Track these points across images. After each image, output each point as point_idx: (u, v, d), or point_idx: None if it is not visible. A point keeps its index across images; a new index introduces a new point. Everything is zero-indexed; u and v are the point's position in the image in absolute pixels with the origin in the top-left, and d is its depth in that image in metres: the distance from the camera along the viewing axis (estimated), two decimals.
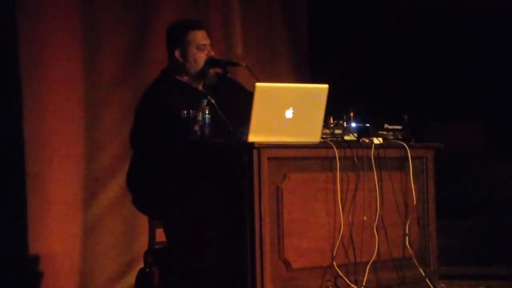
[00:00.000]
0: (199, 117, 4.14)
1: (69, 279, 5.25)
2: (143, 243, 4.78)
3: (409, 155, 4.47)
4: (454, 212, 6.52)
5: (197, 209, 4.19)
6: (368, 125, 4.46)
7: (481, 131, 7.41)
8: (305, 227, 4.15)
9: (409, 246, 4.46)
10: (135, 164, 4.51)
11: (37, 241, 5.13)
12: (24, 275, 5.11)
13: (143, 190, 4.43)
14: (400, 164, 4.49)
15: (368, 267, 4.30)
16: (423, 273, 4.46)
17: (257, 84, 4.01)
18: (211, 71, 4.52)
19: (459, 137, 7.28)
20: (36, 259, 5.13)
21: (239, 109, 4.29)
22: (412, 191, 4.48)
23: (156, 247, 4.48)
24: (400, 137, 4.52)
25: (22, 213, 5.10)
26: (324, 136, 4.24)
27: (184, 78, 4.55)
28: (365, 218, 4.33)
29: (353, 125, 4.44)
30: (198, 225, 4.18)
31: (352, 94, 5.65)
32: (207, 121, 4.16)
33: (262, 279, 3.99)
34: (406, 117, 4.58)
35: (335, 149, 4.21)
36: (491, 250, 6.44)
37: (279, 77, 6.24)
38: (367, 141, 4.39)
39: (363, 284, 4.27)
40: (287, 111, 4.07)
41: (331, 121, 4.37)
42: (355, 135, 4.40)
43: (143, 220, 4.64)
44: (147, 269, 4.38)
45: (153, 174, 4.35)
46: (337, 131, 4.34)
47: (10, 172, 5.09)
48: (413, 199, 4.49)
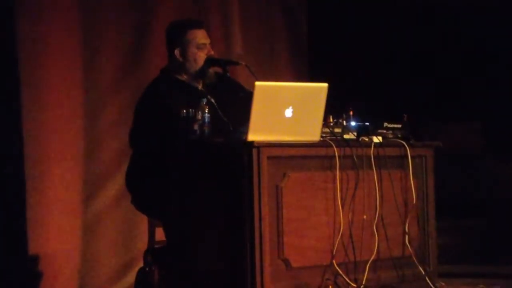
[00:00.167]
0: (199, 116, 4.14)
1: (69, 278, 5.24)
2: (142, 243, 4.78)
3: (409, 154, 4.47)
4: (453, 211, 6.51)
5: (196, 208, 4.18)
6: (367, 124, 4.45)
7: (481, 131, 7.41)
8: (304, 226, 4.14)
9: (408, 244, 4.45)
10: (134, 163, 4.51)
11: (36, 241, 5.12)
12: (23, 275, 5.10)
13: (143, 189, 4.43)
14: (399, 162, 4.49)
15: (367, 265, 4.30)
16: (423, 272, 4.46)
17: (257, 83, 4.01)
18: (211, 70, 4.52)
19: (459, 137, 7.28)
20: (35, 259, 5.12)
21: (239, 108, 4.28)
22: (411, 189, 4.48)
23: (155, 246, 4.47)
24: (399, 136, 4.52)
25: (21, 213, 5.09)
26: (323, 135, 4.24)
27: (183, 77, 4.55)
28: (364, 216, 4.33)
29: (353, 123, 4.43)
30: (197, 224, 4.18)
31: (351, 93, 5.64)
32: (206, 120, 4.16)
33: (261, 278, 3.99)
34: (405, 116, 4.58)
35: (334, 148, 4.21)
36: (491, 249, 6.44)
37: (279, 76, 6.23)
38: (367, 140, 4.38)
39: (363, 282, 4.27)
40: (287, 110, 4.07)
41: (331, 120, 4.37)
42: (355, 134, 4.40)
43: (143, 219, 4.64)
44: (146, 269, 4.38)
45: (153, 173, 4.35)
46: (336, 130, 4.34)
47: (9, 172, 5.08)
48: (413, 197, 4.49)
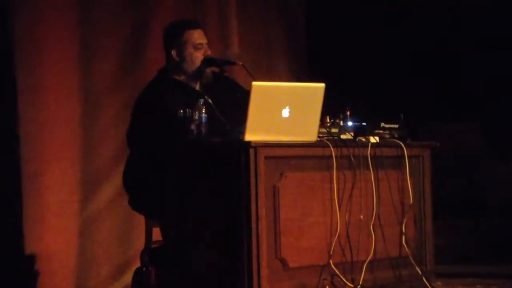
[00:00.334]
0: (196, 116, 4.14)
1: (66, 278, 5.24)
2: (139, 243, 4.77)
3: (406, 154, 4.47)
4: (451, 211, 6.52)
5: (194, 208, 4.18)
6: (364, 124, 4.46)
7: (480, 131, 7.41)
8: (301, 226, 4.14)
9: (405, 245, 4.45)
10: (132, 163, 4.51)
11: (33, 241, 5.12)
12: (20, 275, 5.10)
13: (140, 189, 4.43)
14: (396, 163, 4.49)
15: (364, 265, 4.30)
16: (420, 272, 4.46)
17: (254, 83, 4.00)
18: (208, 70, 4.52)
19: (459, 137, 7.28)
20: (32, 259, 5.12)
21: (236, 108, 4.28)
22: (408, 190, 4.48)
23: (152, 246, 4.47)
24: (396, 136, 4.52)
25: (18, 214, 5.09)
26: (320, 135, 4.23)
27: (181, 77, 4.55)
28: (361, 217, 4.33)
29: (350, 124, 4.44)
30: (195, 224, 4.18)
31: (349, 93, 5.64)
32: (203, 121, 4.15)
33: (259, 278, 3.99)
34: (402, 116, 4.58)
35: (331, 148, 4.21)
36: (489, 249, 6.44)
37: (276, 76, 6.24)
38: (364, 140, 4.39)
39: (360, 282, 4.27)
40: (284, 110, 4.07)
41: (328, 120, 4.37)
42: (352, 134, 4.40)
43: (140, 219, 4.64)
44: (143, 269, 4.37)
45: (150, 173, 4.35)
46: (333, 130, 4.34)
47: (6, 173, 5.08)
48: (410, 198, 4.49)
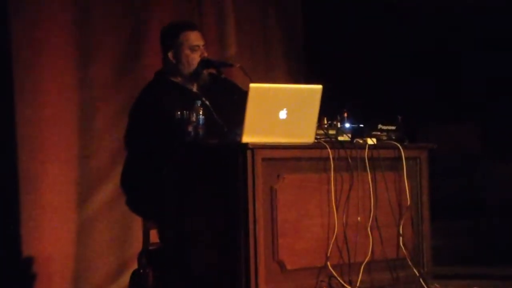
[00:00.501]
0: (193, 118, 4.14)
1: (63, 281, 5.24)
2: (137, 244, 4.77)
3: (403, 156, 4.47)
4: (450, 212, 6.52)
5: (191, 210, 4.18)
6: (362, 125, 4.46)
7: (480, 131, 7.41)
8: (299, 228, 4.14)
9: (403, 246, 4.45)
10: (129, 165, 4.51)
11: (30, 243, 5.12)
12: (18, 277, 5.10)
13: (137, 191, 4.43)
14: (394, 164, 4.49)
15: (362, 267, 4.30)
16: (417, 274, 4.46)
17: (251, 84, 4.00)
18: (205, 72, 4.52)
19: (458, 138, 7.28)
20: (29, 261, 5.12)
21: (234, 109, 4.28)
22: (406, 191, 4.48)
23: (150, 248, 4.46)
24: (393, 138, 4.52)
25: (15, 216, 5.09)
26: (318, 136, 4.23)
27: (178, 79, 4.54)
28: (359, 218, 4.33)
29: (347, 125, 4.44)
30: (192, 226, 4.17)
31: (347, 94, 5.64)
32: (200, 122, 4.15)
33: (256, 280, 3.99)
34: (400, 117, 4.58)
35: (329, 149, 4.21)
36: (487, 250, 6.44)
37: (273, 78, 6.24)
38: (361, 141, 4.38)
39: (357, 284, 4.27)
40: (281, 112, 4.07)
41: (325, 122, 4.37)
42: (349, 135, 4.40)
43: (137, 221, 4.63)
44: (141, 271, 4.37)
45: (148, 175, 4.35)
46: (331, 132, 4.34)
47: (3, 174, 5.07)
48: (407, 199, 4.49)
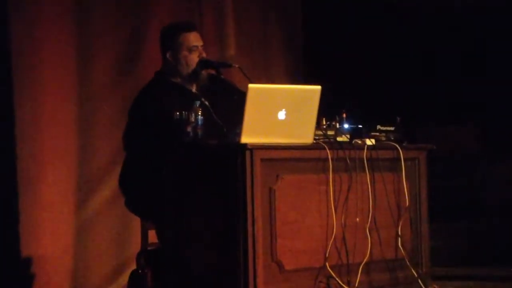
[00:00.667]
0: (192, 119, 4.14)
1: (62, 281, 5.23)
2: (135, 245, 4.77)
3: (402, 156, 4.47)
4: (450, 212, 6.52)
5: (190, 210, 4.18)
6: (360, 126, 4.46)
7: (480, 131, 7.41)
8: (298, 229, 4.14)
9: (401, 247, 4.46)
10: (128, 165, 4.51)
11: (29, 243, 5.11)
12: (17, 277, 5.09)
13: (136, 191, 4.43)
14: (392, 165, 4.49)
15: (360, 268, 4.30)
16: (416, 274, 4.46)
17: (250, 85, 4.01)
18: (204, 72, 4.52)
19: (458, 138, 7.28)
20: (28, 261, 5.12)
21: (233, 110, 4.29)
22: (404, 192, 4.48)
23: (148, 248, 4.47)
24: (392, 139, 4.53)
25: (15, 216, 5.09)
26: (316, 137, 4.24)
27: (177, 79, 4.55)
28: (357, 219, 4.33)
29: (346, 126, 4.44)
30: (191, 226, 4.18)
31: (346, 95, 5.65)
32: (199, 123, 4.15)
33: (255, 280, 3.99)
34: (398, 118, 4.59)
35: (327, 150, 4.21)
36: (486, 250, 6.44)
37: (273, 78, 6.24)
38: (360, 142, 4.39)
39: (356, 285, 4.27)
40: (280, 113, 4.07)
41: (324, 123, 4.37)
42: (348, 136, 4.40)
43: (136, 221, 4.63)
44: (139, 271, 4.37)
45: (146, 175, 4.35)
46: (329, 132, 4.34)
47: (2, 174, 5.08)
48: (406, 200, 4.50)
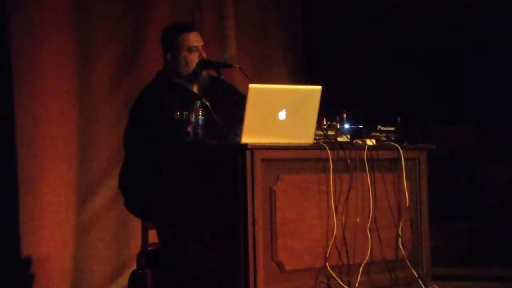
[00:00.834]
0: (192, 119, 4.14)
1: (62, 281, 5.23)
2: (135, 245, 4.76)
3: (402, 157, 4.47)
4: (450, 213, 6.52)
5: (190, 210, 4.18)
6: (361, 126, 4.46)
7: (480, 131, 7.41)
8: (298, 229, 4.14)
9: (402, 247, 4.45)
10: (128, 165, 4.51)
11: (30, 243, 5.12)
12: (17, 277, 5.10)
13: (136, 191, 4.43)
14: (393, 165, 4.49)
15: (361, 268, 4.30)
16: (416, 275, 4.46)
17: (250, 85, 4.00)
18: (204, 72, 4.52)
19: (458, 138, 7.28)
20: (28, 262, 5.12)
21: (233, 110, 4.29)
22: (405, 192, 4.48)
23: (149, 248, 4.47)
24: (393, 139, 4.53)
25: (15, 216, 5.09)
26: (317, 137, 4.23)
27: (178, 80, 4.55)
28: (358, 219, 4.33)
29: (346, 126, 4.44)
30: (191, 226, 4.18)
31: (346, 95, 5.64)
32: (200, 123, 4.15)
33: (255, 281, 3.99)
34: (399, 118, 4.59)
35: (328, 150, 4.21)
36: (486, 251, 6.44)
37: (273, 78, 6.24)
38: (360, 142, 4.39)
39: (356, 285, 4.27)
40: (280, 113, 4.07)
41: (324, 123, 4.37)
42: (348, 136, 4.40)
43: (136, 222, 4.64)
44: (139, 271, 4.37)
45: (146, 175, 4.35)
46: (330, 133, 4.34)
47: (2, 175, 5.07)
48: (406, 200, 4.49)
